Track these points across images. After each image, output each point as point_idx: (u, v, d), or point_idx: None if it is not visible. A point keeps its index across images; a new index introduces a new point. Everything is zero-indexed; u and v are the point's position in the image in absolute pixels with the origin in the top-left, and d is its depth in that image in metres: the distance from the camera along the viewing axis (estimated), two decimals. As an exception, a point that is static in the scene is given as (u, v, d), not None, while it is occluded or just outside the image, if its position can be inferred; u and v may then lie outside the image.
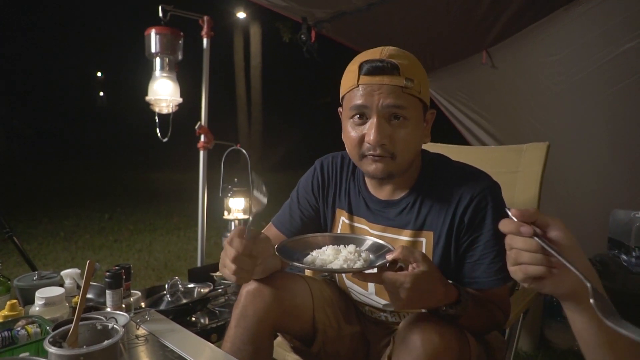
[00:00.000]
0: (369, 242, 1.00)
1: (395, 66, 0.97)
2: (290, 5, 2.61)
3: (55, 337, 0.88)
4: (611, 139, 2.52)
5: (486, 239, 1.03)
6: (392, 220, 1.12)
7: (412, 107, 1.00)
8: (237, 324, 1.12)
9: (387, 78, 0.97)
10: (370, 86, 0.98)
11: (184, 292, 1.75)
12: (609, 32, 2.29)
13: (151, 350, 1.15)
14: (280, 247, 0.97)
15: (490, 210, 1.02)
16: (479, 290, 1.04)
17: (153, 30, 2.30)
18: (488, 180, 1.07)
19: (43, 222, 5.37)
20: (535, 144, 1.58)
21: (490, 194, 1.04)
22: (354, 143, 1.03)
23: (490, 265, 1.02)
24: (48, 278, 1.50)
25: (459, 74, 3.20)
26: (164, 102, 2.40)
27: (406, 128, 1.00)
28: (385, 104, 0.97)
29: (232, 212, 2.64)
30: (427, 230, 1.08)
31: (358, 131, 1.02)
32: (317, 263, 0.91)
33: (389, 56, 0.99)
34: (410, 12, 2.59)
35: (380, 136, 0.98)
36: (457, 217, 1.04)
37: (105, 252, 4.22)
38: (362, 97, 0.99)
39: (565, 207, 2.84)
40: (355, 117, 1.02)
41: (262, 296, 1.10)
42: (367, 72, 0.98)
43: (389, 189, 1.13)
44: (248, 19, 12.39)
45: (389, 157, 1.01)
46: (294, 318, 1.17)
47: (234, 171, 2.72)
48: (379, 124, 0.98)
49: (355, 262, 0.90)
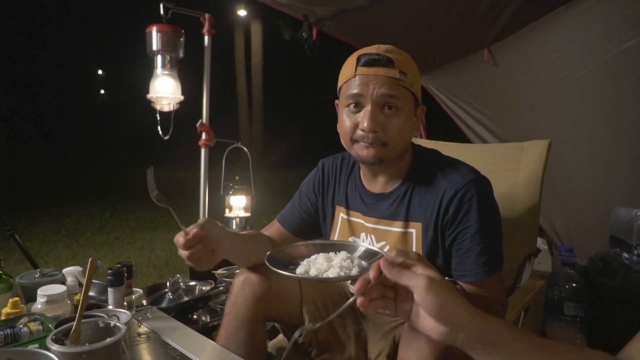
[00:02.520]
0: (362, 249, 1.00)
1: (391, 59, 1.04)
2: (291, 3, 2.60)
3: (57, 335, 0.88)
4: (613, 136, 2.51)
5: (472, 231, 1.05)
6: (384, 212, 1.16)
7: (404, 99, 1.06)
8: (229, 311, 1.18)
9: (382, 69, 1.04)
10: (367, 76, 1.04)
11: (186, 289, 1.75)
12: (611, 29, 2.28)
13: (153, 348, 1.16)
14: (269, 257, 0.96)
15: (476, 203, 1.04)
16: (470, 283, 1.05)
17: (154, 27, 2.30)
18: (474, 174, 1.10)
19: (44, 220, 5.38)
20: (536, 142, 1.57)
21: (476, 186, 1.06)
22: (347, 129, 1.09)
23: (477, 257, 1.04)
24: (50, 276, 1.50)
25: (460, 72, 3.19)
26: (165, 100, 2.39)
27: (398, 117, 1.06)
28: (380, 93, 1.03)
29: (233, 209, 2.64)
30: (416, 222, 1.11)
31: (353, 119, 1.08)
32: (312, 272, 0.90)
33: (385, 51, 1.06)
34: (412, 9, 2.58)
35: (373, 123, 1.04)
36: (442, 209, 1.07)
37: (107, 250, 4.23)
38: (358, 86, 1.05)
39: (567, 205, 2.83)
40: (351, 105, 1.08)
41: (251, 285, 1.16)
42: (364, 63, 1.05)
43: (381, 182, 1.17)
44: (249, 17, 12.37)
45: (380, 144, 1.06)
46: (283, 307, 1.22)
47: (235, 169, 2.72)
48: (373, 112, 1.04)
49: (351, 269, 0.89)
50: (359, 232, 1.21)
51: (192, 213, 5.25)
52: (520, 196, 1.51)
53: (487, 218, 1.05)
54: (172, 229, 5.09)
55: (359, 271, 0.89)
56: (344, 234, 1.25)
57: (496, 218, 1.09)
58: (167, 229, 5.13)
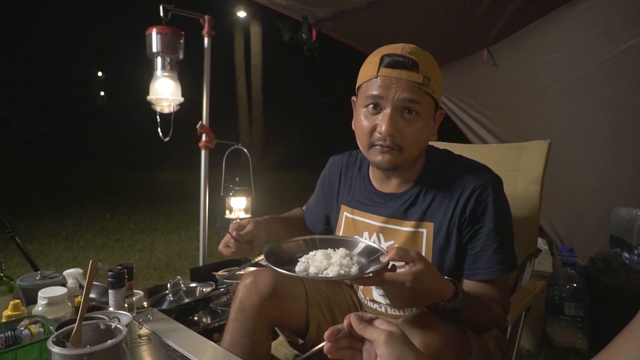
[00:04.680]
0: (362, 245, 1.00)
1: (415, 63, 1.00)
2: (291, 4, 2.60)
3: (58, 337, 0.88)
4: (613, 136, 2.51)
5: (488, 230, 1.04)
6: (395, 212, 1.14)
7: (425, 104, 1.03)
8: (235, 317, 1.15)
9: (406, 73, 1.00)
10: (389, 79, 1.01)
11: (186, 291, 1.75)
12: (610, 29, 2.28)
13: (154, 350, 1.16)
14: (267, 254, 0.96)
15: (492, 202, 1.04)
16: (481, 281, 1.05)
17: (154, 29, 2.30)
18: (490, 173, 1.09)
19: (44, 222, 5.38)
20: (536, 142, 1.57)
21: (492, 186, 1.06)
22: (365, 132, 1.07)
23: (492, 256, 1.03)
24: (51, 278, 1.50)
25: (460, 72, 3.20)
26: (165, 102, 2.39)
27: (417, 123, 1.03)
28: (402, 97, 1.00)
29: (233, 211, 2.64)
30: (428, 222, 1.10)
31: (371, 121, 1.05)
32: (311, 270, 0.90)
33: (409, 53, 1.02)
34: (411, 10, 2.59)
35: (391, 127, 1.01)
36: (458, 209, 1.06)
37: (107, 252, 4.22)
38: (379, 87, 1.02)
39: (567, 205, 2.83)
40: (370, 106, 1.05)
41: (258, 290, 1.13)
42: (388, 64, 1.01)
43: (394, 183, 1.16)
44: (248, 18, 12.38)
45: (396, 150, 1.04)
46: (289, 312, 1.20)
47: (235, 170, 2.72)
48: (392, 115, 1.01)
49: (351, 267, 0.89)
50: (363, 231, 1.20)
51: (193, 215, 5.27)
52: (520, 197, 1.51)
53: (502, 217, 1.05)
54: (172, 231, 5.09)
55: (358, 269, 0.88)
56: (347, 233, 1.24)
57: (510, 217, 1.09)
58: (167, 230, 5.13)
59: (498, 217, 1.04)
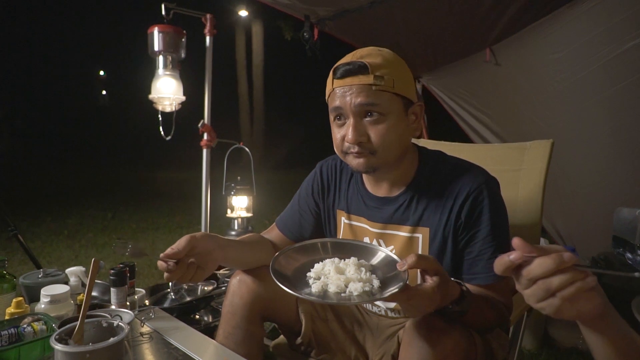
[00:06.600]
0: (382, 254, 0.98)
1: (364, 66, 1.01)
2: (292, 3, 2.60)
3: (61, 335, 0.89)
4: (615, 136, 2.51)
5: (484, 234, 1.04)
6: (391, 217, 1.13)
7: (386, 103, 1.02)
8: (226, 310, 1.19)
9: (356, 78, 1.01)
10: (342, 88, 1.03)
11: (188, 290, 1.76)
12: (612, 29, 2.27)
13: (155, 348, 1.16)
14: (274, 270, 0.89)
15: (487, 205, 1.03)
16: (479, 286, 1.04)
17: (156, 28, 2.31)
18: (484, 175, 1.08)
19: (46, 221, 5.39)
20: (538, 142, 1.57)
21: (487, 189, 1.05)
22: (337, 142, 1.09)
23: (489, 260, 1.02)
24: (53, 276, 1.51)
25: (462, 72, 3.19)
26: (167, 101, 2.40)
27: (382, 123, 1.03)
28: (357, 102, 1.01)
29: (235, 210, 2.65)
30: (424, 227, 1.10)
31: (340, 131, 1.07)
32: (332, 290, 0.86)
33: (359, 57, 1.03)
34: (413, 9, 2.58)
35: (356, 134, 1.02)
36: (453, 213, 1.05)
37: (109, 251, 4.23)
38: (337, 99, 1.04)
39: (569, 205, 2.83)
40: (336, 118, 1.08)
41: (247, 284, 1.17)
42: (339, 75, 1.04)
43: (386, 186, 1.15)
44: (250, 17, 12.38)
45: (368, 153, 1.04)
46: (279, 306, 1.22)
47: (236, 169, 2.72)
48: (355, 122, 1.03)
49: (372, 282, 0.87)
50: (363, 237, 1.19)
51: (194, 214, 5.27)
52: (522, 197, 1.51)
53: (498, 220, 1.04)
54: (173, 230, 5.10)
55: (379, 285, 0.86)
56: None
57: (506, 220, 1.08)
58: (168, 229, 5.14)
59: (494, 221, 1.03)
